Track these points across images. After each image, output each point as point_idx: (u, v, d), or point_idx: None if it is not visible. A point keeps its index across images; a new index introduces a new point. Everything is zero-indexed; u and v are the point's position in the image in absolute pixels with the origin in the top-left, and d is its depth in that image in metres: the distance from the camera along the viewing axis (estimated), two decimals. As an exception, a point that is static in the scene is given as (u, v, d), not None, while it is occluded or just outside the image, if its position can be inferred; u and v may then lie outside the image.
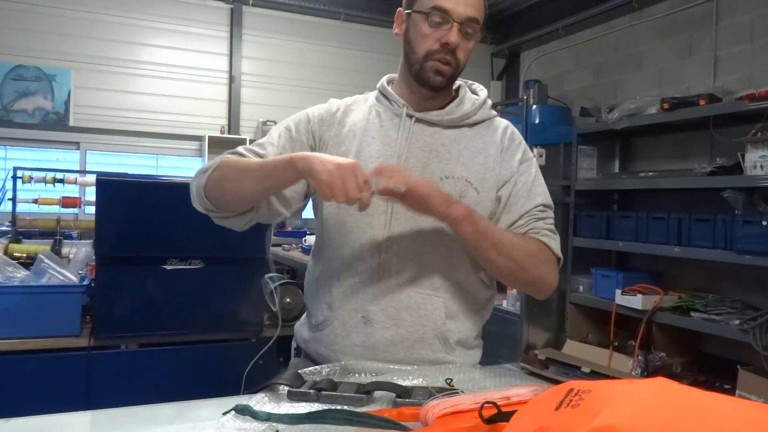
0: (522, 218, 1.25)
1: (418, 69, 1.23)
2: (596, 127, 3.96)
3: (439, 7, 1.17)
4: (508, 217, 1.25)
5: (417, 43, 1.22)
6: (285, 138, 1.29)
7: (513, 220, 1.25)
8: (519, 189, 1.27)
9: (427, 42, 1.20)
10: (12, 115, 5.11)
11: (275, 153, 1.25)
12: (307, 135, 1.29)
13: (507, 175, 1.27)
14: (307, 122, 1.31)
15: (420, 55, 1.22)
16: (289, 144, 1.28)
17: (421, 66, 1.22)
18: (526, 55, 6.07)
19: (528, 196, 1.27)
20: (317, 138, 1.30)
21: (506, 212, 1.26)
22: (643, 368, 3.28)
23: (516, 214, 1.25)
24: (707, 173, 3.18)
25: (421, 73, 1.23)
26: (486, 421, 0.80)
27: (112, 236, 2.13)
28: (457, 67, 1.22)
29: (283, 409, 0.94)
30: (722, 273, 3.43)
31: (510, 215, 1.26)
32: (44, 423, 0.90)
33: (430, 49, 1.20)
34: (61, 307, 2.11)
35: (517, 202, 1.26)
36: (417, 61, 1.22)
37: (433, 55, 1.20)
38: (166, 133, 5.57)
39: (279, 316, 2.34)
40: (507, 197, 1.26)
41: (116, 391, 2.10)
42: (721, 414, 0.63)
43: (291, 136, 1.29)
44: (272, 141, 1.28)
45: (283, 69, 5.93)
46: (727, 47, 3.90)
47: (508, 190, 1.26)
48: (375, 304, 1.22)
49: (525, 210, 1.26)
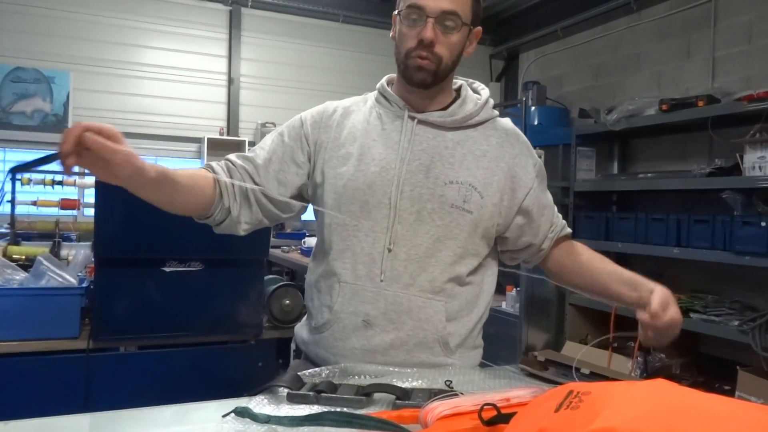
0: (552, 229, 1.35)
1: (403, 69, 1.24)
2: (595, 129, 3.96)
3: (413, 5, 1.18)
4: (546, 222, 1.35)
5: (399, 43, 1.23)
6: (276, 143, 1.29)
7: (549, 224, 1.35)
8: (538, 195, 1.33)
9: (406, 41, 1.21)
10: (11, 117, 5.11)
11: (264, 157, 1.26)
12: (300, 140, 1.29)
13: (529, 182, 1.31)
14: (300, 126, 1.31)
15: (402, 55, 1.23)
16: (279, 149, 1.28)
17: (404, 65, 1.23)
18: (525, 57, 6.08)
19: (546, 199, 1.36)
20: (311, 142, 1.29)
21: (543, 218, 1.34)
22: (643, 369, 3.28)
23: (549, 220, 1.35)
24: (706, 174, 3.19)
25: (406, 73, 1.24)
26: (486, 423, 0.80)
27: (111, 238, 2.12)
28: (440, 62, 1.21)
29: (282, 412, 0.94)
30: (721, 274, 3.43)
31: (546, 220, 1.34)
32: (43, 425, 0.90)
33: (409, 47, 1.20)
34: (60, 310, 2.10)
35: (544, 213, 1.34)
36: (401, 61, 1.24)
37: (412, 53, 1.20)
38: (165, 135, 5.58)
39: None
40: (531, 210, 1.31)
41: (115, 393, 2.09)
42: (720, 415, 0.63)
43: (282, 141, 1.30)
44: (263, 146, 1.30)
45: (282, 71, 5.93)
46: (726, 48, 3.90)
47: (531, 202, 1.31)
48: (375, 308, 1.21)
49: (554, 212, 1.37)
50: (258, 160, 1.26)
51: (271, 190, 1.24)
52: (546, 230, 1.33)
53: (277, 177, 1.26)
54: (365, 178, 1.22)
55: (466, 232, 1.23)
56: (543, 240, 1.33)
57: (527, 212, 1.30)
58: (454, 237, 1.22)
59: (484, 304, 1.32)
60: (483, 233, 1.26)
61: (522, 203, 1.29)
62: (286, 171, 1.27)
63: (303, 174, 1.29)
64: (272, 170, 1.26)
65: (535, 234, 1.32)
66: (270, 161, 1.27)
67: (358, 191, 1.22)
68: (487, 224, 1.25)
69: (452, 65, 1.24)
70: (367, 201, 1.22)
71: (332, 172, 1.26)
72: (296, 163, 1.28)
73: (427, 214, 1.21)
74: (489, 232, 1.27)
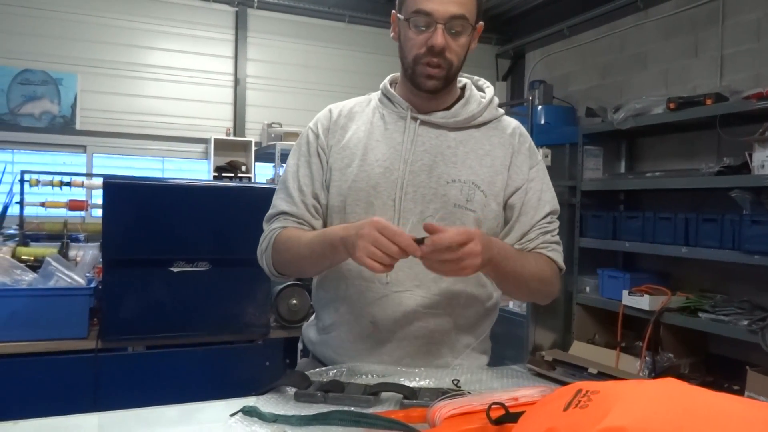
0: (532, 230, 1.27)
1: (411, 74, 1.22)
2: (602, 128, 3.95)
3: (421, 11, 1.15)
4: (520, 228, 1.27)
5: (406, 48, 1.22)
6: (306, 176, 1.29)
7: (524, 231, 1.27)
8: (530, 198, 1.28)
9: (414, 47, 1.19)
10: (19, 119, 5.14)
11: (310, 194, 1.27)
12: (318, 155, 1.29)
13: (519, 182, 1.27)
14: (315, 140, 1.30)
15: (410, 60, 1.21)
16: (317, 175, 1.28)
17: (412, 71, 1.21)
18: (531, 56, 6.06)
19: (538, 205, 1.28)
20: (325, 150, 1.29)
21: (518, 223, 1.27)
22: (651, 369, 3.26)
23: (527, 224, 1.27)
24: (714, 173, 3.17)
25: (414, 78, 1.22)
26: (494, 422, 0.80)
27: (119, 239, 2.13)
28: (450, 67, 1.20)
29: (290, 411, 0.94)
30: (730, 273, 3.41)
31: (521, 226, 1.27)
32: (52, 425, 0.90)
33: (417, 53, 1.19)
34: (68, 310, 2.11)
35: (527, 212, 1.27)
36: (408, 66, 1.22)
37: (421, 60, 1.19)
38: (171, 135, 5.60)
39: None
40: (519, 207, 1.27)
41: (124, 393, 2.10)
42: (730, 414, 0.62)
43: (310, 168, 1.29)
44: (299, 185, 1.28)
45: (288, 71, 5.94)
46: (734, 46, 3.88)
47: (519, 199, 1.27)
48: (382, 309, 1.21)
49: (535, 221, 1.27)
50: (306, 199, 1.27)
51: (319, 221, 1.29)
52: (515, 239, 1.26)
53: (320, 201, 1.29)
54: (369, 179, 1.22)
55: None
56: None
57: (510, 207, 1.27)
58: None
59: (492, 305, 1.31)
60: (487, 232, 1.25)
61: (507, 200, 1.27)
62: (322, 189, 1.29)
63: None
64: (322, 202, 1.29)
65: (505, 235, 1.28)
66: (317, 196, 1.28)
67: (363, 192, 1.22)
68: (491, 223, 1.25)
69: (460, 66, 1.24)
70: (372, 203, 1.22)
71: (338, 173, 1.26)
72: (322, 181, 1.29)
73: (430, 215, 1.21)
74: (493, 231, 1.26)
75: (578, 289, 3.93)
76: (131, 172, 5.36)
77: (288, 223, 1.27)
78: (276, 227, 1.27)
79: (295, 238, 1.22)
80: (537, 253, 1.26)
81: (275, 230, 1.26)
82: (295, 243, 1.22)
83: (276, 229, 1.26)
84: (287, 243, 1.23)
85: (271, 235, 1.26)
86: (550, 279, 1.26)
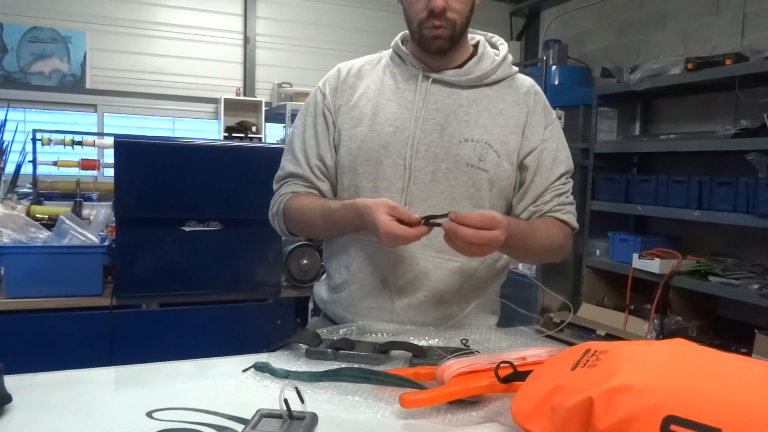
0: (547, 192, 1.26)
1: (418, 38, 1.22)
2: (617, 89, 3.87)
3: None
4: (535, 190, 1.26)
5: (409, 11, 1.20)
6: (312, 137, 1.28)
7: (539, 192, 1.26)
8: (545, 158, 1.27)
9: (416, 10, 1.18)
10: (29, 77, 5.13)
11: (315, 156, 1.27)
12: (324, 116, 1.28)
13: (534, 142, 1.26)
14: (322, 101, 1.29)
15: (415, 25, 1.20)
16: (322, 136, 1.28)
17: (419, 35, 1.21)
18: (546, 14, 5.91)
19: (553, 165, 1.27)
20: (332, 110, 1.28)
21: (533, 184, 1.26)
22: (659, 331, 3.28)
23: (542, 186, 1.26)
24: (731, 135, 3.11)
25: (421, 42, 1.21)
26: (502, 381, 0.81)
27: (131, 198, 2.15)
28: (454, 27, 1.18)
29: (301, 367, 0.96)
30: (743, 237, 3.39)
31: (536, 187, 1.26)
32: (70, 377, 0.93)
33: (420, 17, 1.18)
34: (83, 267, 2.15)
35: (542, 173, 1.26)
36: (414, 30, 1.21)
37: (425, 24, 1.18)
38: (181, 95, 5.57)
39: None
40: (534, 168, 1.26)
41: (139, 348, 2.15)
42: (738, 373, 0.63)
43: (315, 129, 1.28)
44: (304, 147, 1.28)
45: (298, 30, 5.85)
46: (757, 3, 3.75)
47: (535, 159, 1.26)
48: (393, 268, 1.22)
49: (550, 182, 1.27)
50: (312, 160, 1.28)
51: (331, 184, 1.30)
52: (530, 200, 1.26)
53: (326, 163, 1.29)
54: (380, 139, 1.21)
55: (483, 192, 1.22)
56: (523, 210, 1.27)
57: (525, 167, 1.26)
58: (469, 197, 1.21)
59: (501, 265, 1.32)
60: (500, 193, 1.24)
61: (522, 160, 1.26)
62: (328, 150, 1.29)
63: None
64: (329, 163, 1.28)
65: (520, 197, 1.27)
66: (322, 158, 1.28)
67: (373, 152, 1.22)
68: (503, 183, 1.24)
69: (467, 22, 1.21)
70: (381, 162, 1.21)
71: (347, 133, 1.25)
72: (328, 143, 1.28)
73: (442, 174, 1.20)
74: (506, 191, 1.26)
75: (588, 252, 3.92)
76: (142, 132, 5.36)
77: (296, 187, 1.28)
78: (285, 192, 1.29)
79: (305, 209, 1.25)
80: (550, 220, 1.26)
81: (284, 196, 1.28)
82: (305, 214, 1.25)
83: (285, 194, 1.28)
84: (296, 214, 1.26)
85: (281, 201, 1.28)
86: (561, 245, 1.27)
